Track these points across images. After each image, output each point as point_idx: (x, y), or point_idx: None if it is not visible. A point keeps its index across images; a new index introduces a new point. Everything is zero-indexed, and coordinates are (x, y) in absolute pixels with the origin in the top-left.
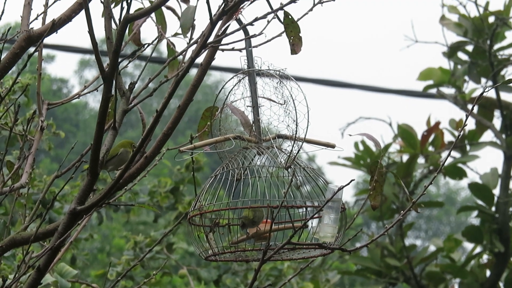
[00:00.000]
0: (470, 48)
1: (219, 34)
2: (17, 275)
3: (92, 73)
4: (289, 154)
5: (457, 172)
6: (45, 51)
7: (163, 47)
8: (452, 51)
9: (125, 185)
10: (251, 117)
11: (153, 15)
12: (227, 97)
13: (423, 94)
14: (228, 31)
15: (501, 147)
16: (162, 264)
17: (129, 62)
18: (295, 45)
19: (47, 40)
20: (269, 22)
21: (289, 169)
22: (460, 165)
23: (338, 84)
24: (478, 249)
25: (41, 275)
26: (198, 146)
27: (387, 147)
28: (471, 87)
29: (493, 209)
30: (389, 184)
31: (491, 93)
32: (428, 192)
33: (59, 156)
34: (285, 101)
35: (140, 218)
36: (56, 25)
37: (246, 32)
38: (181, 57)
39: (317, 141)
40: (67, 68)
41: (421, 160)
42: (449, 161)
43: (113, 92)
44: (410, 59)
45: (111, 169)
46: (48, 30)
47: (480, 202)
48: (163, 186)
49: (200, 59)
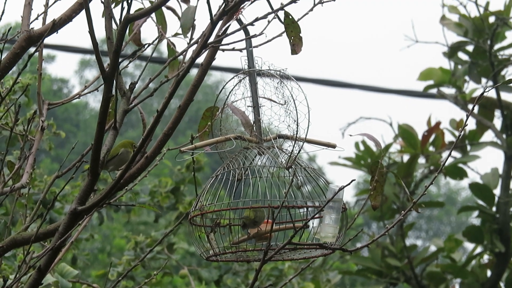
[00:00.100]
0: (470, 48)
1: (220, 34)
2: (18, 275)
3: (92, 73)
4: (290, 154)
5: (457, 172)
6: (46, 51)
7: (164, 47)
8: (452, 51)
9: (126, 185)
10: (251, 117)
11: (154, 15)
12: (228, 97)
13: (424, 94)
14: (228, 31)
15: (502, 147)
16: (163, 264)
17: (130, 62)
18: (296, 45)
19: (48, 40)
20: (269, 22)
21: (290, 169)
22: (460, 165)
23: (338, 84)
24: (478, 249)
25: (42, 275)
26: (199, 146)
27: (388, 147)
28: (471, 87)
29: (494, 209)
30: (390, 184)
31: (492, 93)
32: (428, 192)
33: (60, 156)
34: (286, 101)
35: (140, 218)
36: (56, 25)
37: (246, 32)
38: (181, 57)
39: (318, 141)
40: (67, 68)
41: (422, 160)
42: (449, 161)
43: (114, 92)
44: (410, 59)
45: (111, 169)
46: (48, 30)
47: (480, 202)
48: (164, 186)
49: (200, 59)
